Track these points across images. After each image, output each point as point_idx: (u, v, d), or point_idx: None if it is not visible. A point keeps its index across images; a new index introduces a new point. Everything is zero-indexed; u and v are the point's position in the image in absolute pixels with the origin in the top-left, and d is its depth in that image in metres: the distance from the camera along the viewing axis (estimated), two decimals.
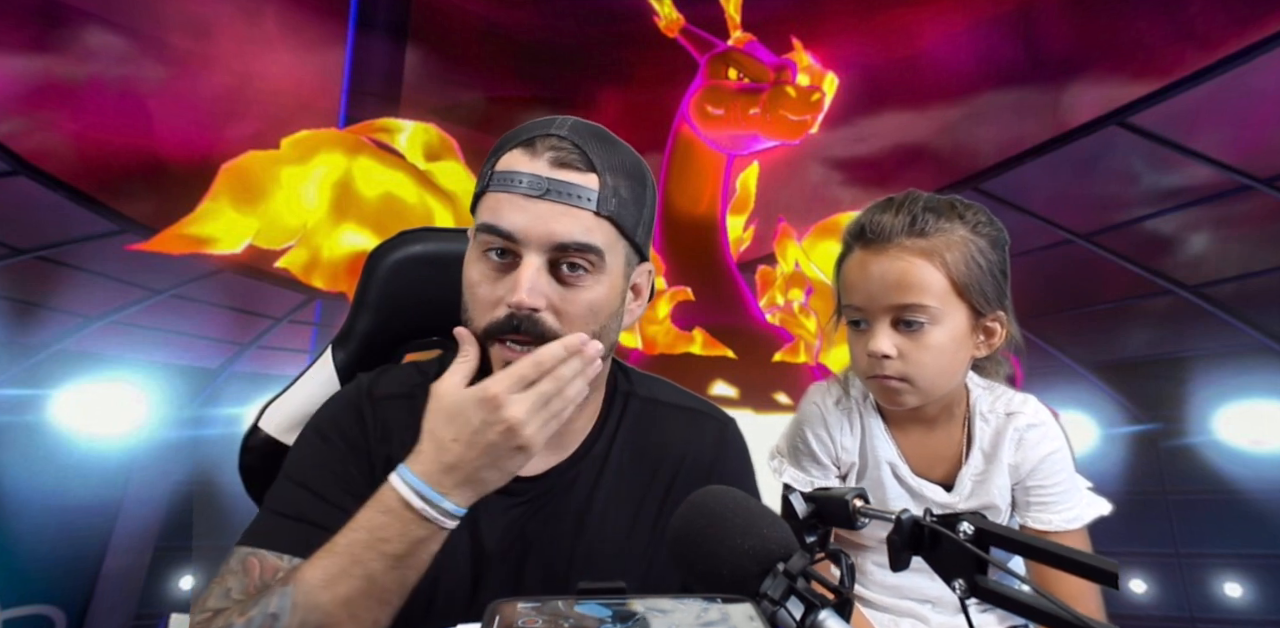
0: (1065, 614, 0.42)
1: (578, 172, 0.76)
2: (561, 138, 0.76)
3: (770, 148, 4.13)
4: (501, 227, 0.74)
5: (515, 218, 0.74)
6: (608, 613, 0.41)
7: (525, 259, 0.74)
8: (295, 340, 3.45)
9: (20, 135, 2.86)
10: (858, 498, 0.55)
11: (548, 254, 0.74)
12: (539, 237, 0.74)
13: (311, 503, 0.77)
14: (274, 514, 0.78)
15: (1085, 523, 0.99)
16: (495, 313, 0.75)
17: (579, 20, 4.13)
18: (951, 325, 0.91)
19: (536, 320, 0.74)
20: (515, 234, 0.74)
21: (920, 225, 0.90)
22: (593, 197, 0.75)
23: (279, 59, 3.48)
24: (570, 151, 0.76)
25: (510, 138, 0.79)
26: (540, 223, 0.74)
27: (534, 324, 0.74)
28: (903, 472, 1.02)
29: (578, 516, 0.83)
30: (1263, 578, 2.96)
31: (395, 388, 0.86)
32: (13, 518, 2.55)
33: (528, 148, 0.76)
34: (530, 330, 0.74)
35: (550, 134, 0.77)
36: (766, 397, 3.65)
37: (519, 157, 0.76)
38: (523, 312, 0.74)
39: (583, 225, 0.75)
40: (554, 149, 0.76)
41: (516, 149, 0.77)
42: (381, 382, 0.87)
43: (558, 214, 0.74)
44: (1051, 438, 0.99)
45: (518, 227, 0.74)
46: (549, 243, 0.74)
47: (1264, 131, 3.13)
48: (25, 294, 2.83)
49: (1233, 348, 3.15)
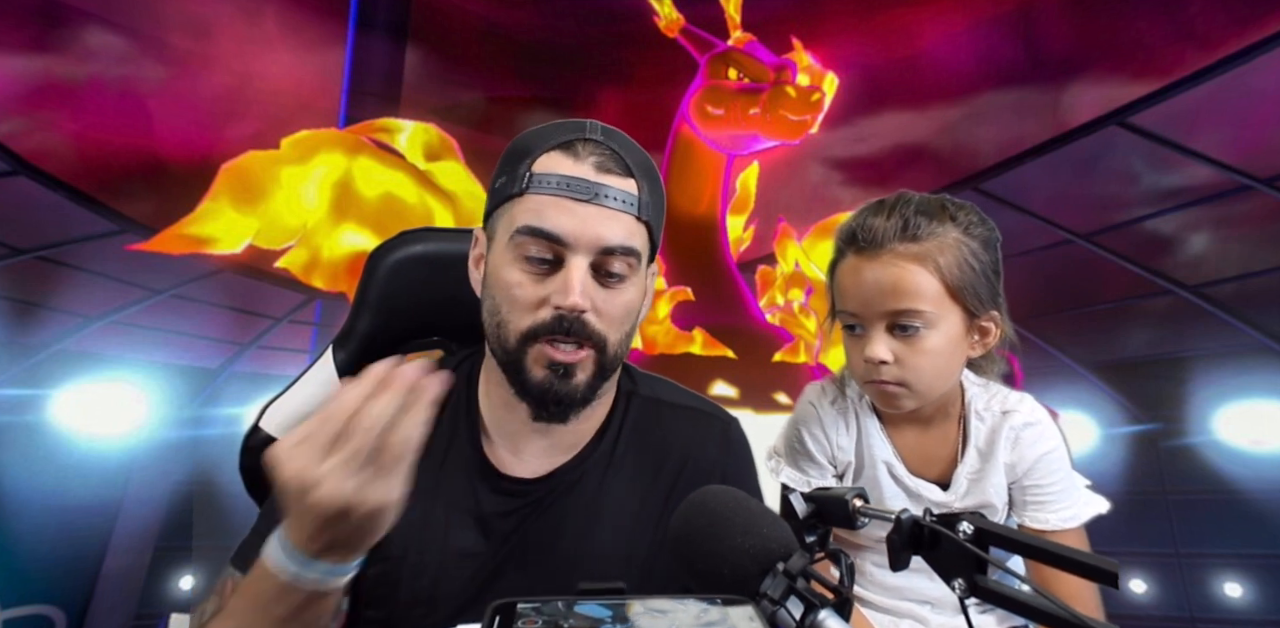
0: (1065, 614, 0.42)
1: (619, 176, 0.77)
2: (599, 142, 0.77)
3: (770, 148, 4.13)
4: (548, 229, 0.74)
5: (563, 221, 0.74)
6: (607, 613, 0.41)
7: (572, 261, 0.74)
8: (295, 340, 3.45)
9: (20, 135, 2.86)
10: (857, 498, 0.55)
11: (593, 257, 0.75)
12: (588, 240, 0.74)
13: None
14: (255, 535, 0.79)
15: (1083, 522, 0.99)
16: (539, 314, 0.75)
17: (579, 20, 4.14)
18: (947, 329, 0.91)
19: (585, 322, 0.75)
20: (565, 237, 0.74)
21: (912, 230, 0.89)
22: (634, 201, 0.76)
23: (279, 59, 3.48)
24: (611, 156, 0.77)
25: (539, 139, 0.79)
26: (589, 227, 0.74)
27: (583, 326, 0.75)
28: (899, 471, 1.02)
29: (582, 515, 0.83)
30: (1263, 578, 2.96)
31: None
32: (13, 518, 2.55)
33: (568, 151, 0.77)
34: (579, 332, 0.75)
35: (588, 138, 0.77)
36: (766, 397, 3.65)
37: (561, 160, 0.76)
38: (573, 314, 0.74)
39: (626, 230, 0.76)
40: (596, 154, 0.76)
41: (556, 152, 0.77)
42: None
43: (605, 218, 0.75)
44: (1048, 437, 0.99)
45: (567, 230, 0.74)
46: (597, 246, 0.74)
47: (1264, 131, 3.13)
48: (25, 294, 2.83)
49: (1233, 348, 3.15)
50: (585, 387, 0.78)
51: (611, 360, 0.79)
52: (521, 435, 0.83)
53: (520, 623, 0.39)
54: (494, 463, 0.83)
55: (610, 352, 0.78)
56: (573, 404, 0.78)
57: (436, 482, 0.82)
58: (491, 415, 0.85)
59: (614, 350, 0.78)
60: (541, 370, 0.76)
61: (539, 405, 0.78)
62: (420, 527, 0.79)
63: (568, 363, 0.76)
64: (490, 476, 0.83)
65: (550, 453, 0.84)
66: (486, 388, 0.86)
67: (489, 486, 0.83)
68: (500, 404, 0.83)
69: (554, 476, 0.84)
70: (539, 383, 0.77)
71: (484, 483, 0.83)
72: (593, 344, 0.76)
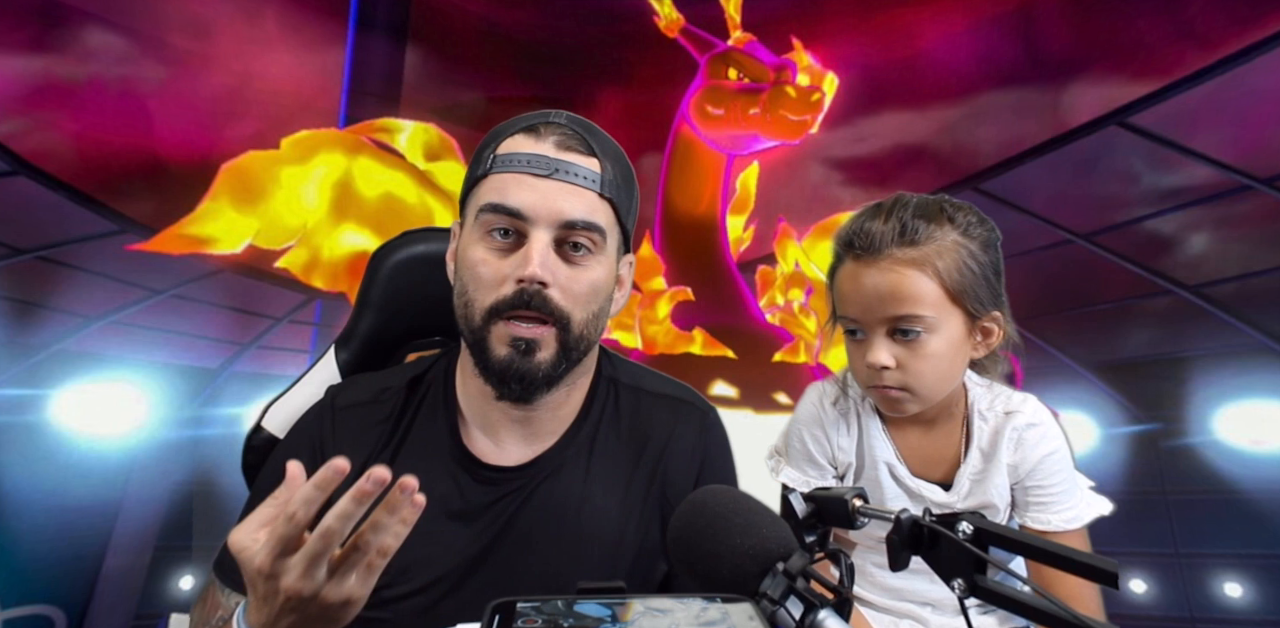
0: (1064, 614, 0.42)
1: (581, 155, 0.78)
2: (561, 125, 0.79)
3: (770, 148, 4.13)
4: (509, 204, 0.75)
5: (524, 196, 0.75)
6: (607, 613, 0.41)
7: (533, 235, 0.75)
8: (295, 340, 3.45)
9: (20, 135, 2.86)
10: (857, 498, 0.55)
11: (555, 232, 0.75)
12: (548, 214, 0.75)
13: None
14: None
15: (1085, 523, 0.99)
16: (501, 290, 0.76)
17: (579, 20, 4.13)
18: (948, 332, 0.91)
19: (546, 297, 0.75)
20: (524, 211, 0.75)
21: (910, 234, 0.89)
22: (596, 178, 0.77)
23: (279, 59, 3.48)
24: (573, 136, 0.78)
25: (506, 127, 0.81)
26: (549, 201, 0.75)
27: (544, 300, 0.75)
28: (900, 472, 1.02)
29: (565, 503, 0.83)
30: (1263, 578, 2.96)
31: (358, 396, 0.87)
32: (13, 518, 2.55)
33: (530, 132, 0.78)
34: (540, 306, 0.75)
35: (550, 121, 0.79)
36: (766, 397, 3.65)
37: (523, 140, 0.78)
38: (533, 286, 0.74)
39: (588, 204, 0.77)
40: (557, 133, 0.78)
41: (519, 134, 0.79)
42: (346, 392, 0.88)
43: (565, 193, 0.75)
44: (1050, 437, 0.99)
45: (526, 204, 0.75)
46: (557, 220, 0.75)
47: (1264, 131, 3.13)
48: (25, 294, 2.83)
49: (1233, 348, 3.15)
50: (548, 365, 0.77)
51: (576, 340, 0.78)
52: (500, 424, 0.83)
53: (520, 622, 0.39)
54: (474, 453, 0.83)
55: (575, 330, 0.78)
56: (535, 383, 0.77)
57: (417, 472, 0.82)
58: (469, 406, 0.85)
59: (579, 330, 0.78)
60: (504, 348, 0.76)
61: (501, 383, 0.78)
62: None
63: (529, 339, 0.76)
64: (471, 465, 0.83)
65: (529, 441, 0.84)
66: (464, 378, 0.86)
67: (470, 475, 0.83)
68: (477, 393, 0.83)
69: (535, 463, 0.84)
70: (501, 360, 0.76)
71: (465, 473, 0.83)
72: (555, 321, 0.76)
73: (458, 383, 0.87)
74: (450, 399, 0.87)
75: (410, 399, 0.87)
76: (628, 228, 0.83)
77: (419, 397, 0.87)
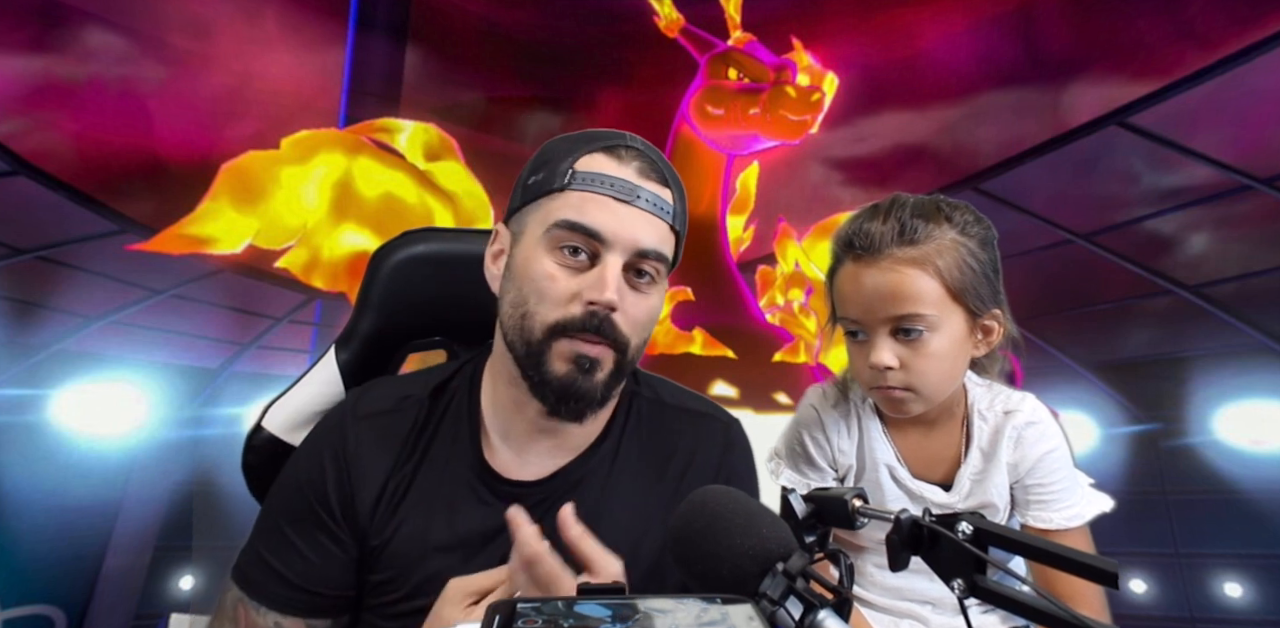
0: (1064, 614, 0.42)
1: (658, 184, 0.78)
2: (640, 150, 0.79)
3: (770, 148, 4.13)
4: (588, 224, 0.75)
5: (604, 218, 0.75)
6: (607, 613, 0.41)
7: (608, 259, 0.75)
8: (295, 340, 3.45)
9: (20, 135, 2.86)
10: (857, 498, 0.55)
11: (627, 258, 0.76)
12: (626, 240, 0.75)
13: (294, 560, 0.79)
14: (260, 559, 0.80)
15: (1086, 521, 0.99)
16: (570, 308, 0.75)
17: (579, 20, 4.13)
18: (950, 330, 0.91)
19: (613, 322, 0.75)
20: (603, 234, 0.74)
21: (909, 234, 0.89)
22: (670, 209, 0.78)
23: (279, 59, 3.48)
24: (651, 164, 0.78)
25: (582, 142, 0.80)
26: (627, 227, 0.75)
27: (611, 326, 0.75)
28: (901, 474, 1.02)
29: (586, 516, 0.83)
30: (1263, 578, 2.96)
31: (380, 404, 0.86)
32: (13, 518, 2.55)
33: (612, 154, 0.78)
34: (607, 331, 0.75)
35: (630, 145, 0.79)
36: (766, 397, 3.65)
37: (605, 161, 0.77)
38: (604, 311, 0.74)
39: (660, 234, 0.77)
40: (638, 159, 0.78)
41: (599, 154, 0.78)
42: (368, 398, 0.87)
43: (643, 221, 0.76)
44: (1050, 436, 0.99)
45: (607, 227, 0.74)
46: (633, 247, 0.75)
47: (1264, 131, 3.13)
48: (25, 294, 2.83)
49: (1233, 348, 3.15)
50: (604, 385, 0.78)
51: (628, 364, 0.79)
52: (527, 437, 0.83)
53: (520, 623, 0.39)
54: (495, 468, 0.83)
55: (629, 355, 0.78)
56: (591, 402, 0.78)
57: (438, 486, 0.82)
58: (496, 415, 0.84)
59: (632, 354, 0.79)
60: (565, 365, 0.76)
61: (558, 401, 0.77)
62: (423, 532, 0.79)
63: (594, 357, 0.76)
64: (492, 480, 0.83)
65: (554, 454, 0.84)
66: (492, 389, 0.85)
67: (491, 491, 0.83)
68: (508, 405, 0.82)
69: (556, 477, 0.84)
70: (561, 377, 0.76)
71: (485, 487, 0.83)
72: (615, 345, 0.76)
73: (484, 390, 0.86)
74: (474, 410, 0.86)
75: (434, 409, 0.86)
76: (679, 256, 0.84)
77: (442, 407, 0.87)
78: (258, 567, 0.80)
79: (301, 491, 0.82)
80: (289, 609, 0.78)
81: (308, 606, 0.80)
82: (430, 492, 0.82)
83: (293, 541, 0.80)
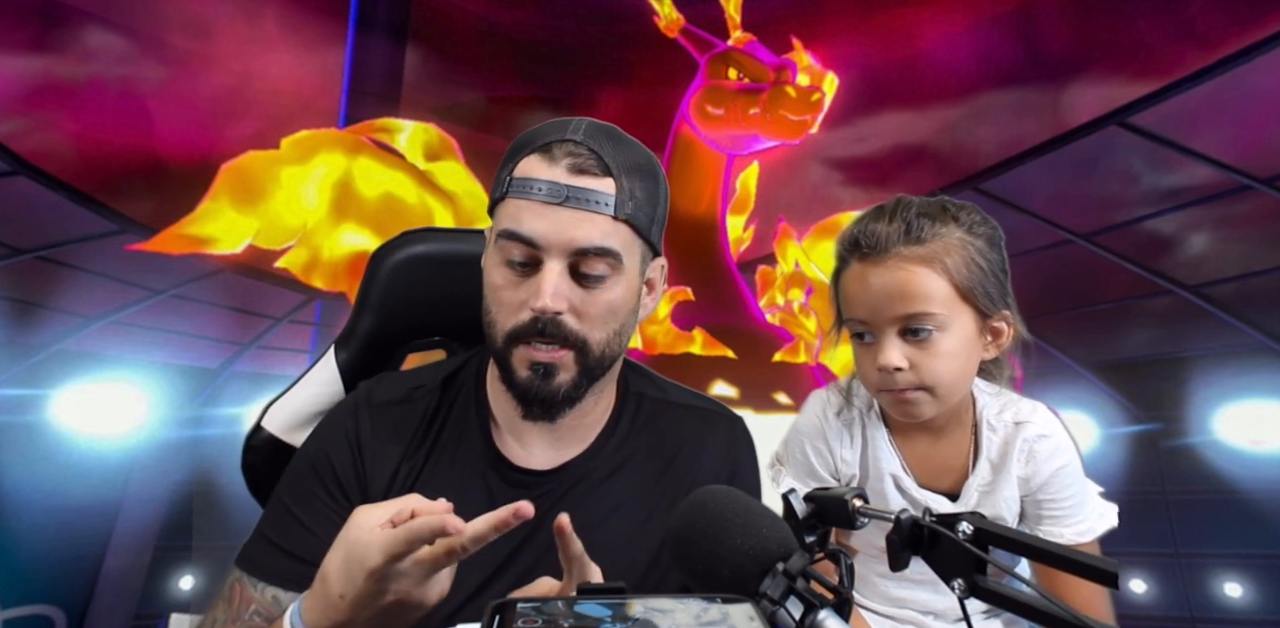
0: (1064, 614, 0.42)
1: (595, 177, 0.77)
2: (578, 143, 0.78)
3: (770, 148, 4.13)
4: (522, 233, 0.76)
5: (536, 225, 0.75)
6: (607, 613, 0.41)
7: (547, 264, 0.76)
8: (295, 340, 3.45)
9: (20, 135, 2.86)
10: (857, 498, 0.55)
11: (568, 259, 0.76)
12: (560, 243, 0.75)
13: (298, 535, 0.79)
14: (263, 539, 0.81)
15: (1097, 536, 0.98)
16: (519, 316, 0.77)
17: (579, 20, 4.13)
18: (959, 330, 0.89)
19: (560, 323, 0.77)
20: (536, 240, 0.75)
21: (916, 232, 0.88)
22: (610, 201, 0.77)
23: (279, 59, 3.47)
24: (587, 157, 0.77)
25: (526, 142, 0.80)
26: (560, 230, 0.75)
27: (558, 327, 0.77)
28: (906, 484, 1.00)
29: (592, 510, 0.84)
30: (1263, 578, 2.96)
31: (393, 393, 0.88)
32: (13, 518, 2.55)
33: (545, 154, 0.78)
34: (554, 333, 0.77)
35: (566, 139, 0.78)
36: (766, 397, 3.65)
37: (536, 163, 0.78)
38: (546, 315, 0.76)
39: (601, 230, 0.77)
40: (571, 155, 0.77)
41: (534, 155, 0.78)
42: (380, 388, 0.89)
43: (577, 221, 0.76)
44: (1063, 450, 0.97)
45: (538, 233, 0.75)
46: (569, 248, 0.76)
47: (1264, 131, 3.13)
48: (25, 294, 2.83)
49: (1233, 348, 3.15)
50: (569, 386, 0.79)
51: (597, 359, 0.80)
52: (527, 429, 0.85)
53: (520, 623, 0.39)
54: (505, 454, 0.85)
55: (594, 351, 0.79)
56: (555, 404, 0.80)
57: (449, 472, 0.83)
58: (499, 409, 0.86)
59: (599, 349, 0.79)
60: (525, 371, 0.78)
61: (525, 404, 0.80)
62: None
63: (548, 363, 0.78)
64: (502, 466, 0.84)
65: (556, 447, 0.86)
66: (494, 381, 0.87)
67: (500, 476, 0.84)
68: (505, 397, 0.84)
69: (563, 469, 0.85)
70: (522, 382, 0.79)
71: (495, 473, 0.84)
72: (572, 345, 0.78)
73: (489, 384, 0.88)
74: (482, 400, 0.88)
75: (444, 399, 0.88)
76: (651, 238, 0.83)
77: (452, 396, 0.89)
78: (259, 546, 0.81)
79: (311, 471, 0.83)
80: (289, 582, 0.77)
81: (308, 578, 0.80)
82: (441, 478, 0.83)
83: (298, 516, 0.80)
